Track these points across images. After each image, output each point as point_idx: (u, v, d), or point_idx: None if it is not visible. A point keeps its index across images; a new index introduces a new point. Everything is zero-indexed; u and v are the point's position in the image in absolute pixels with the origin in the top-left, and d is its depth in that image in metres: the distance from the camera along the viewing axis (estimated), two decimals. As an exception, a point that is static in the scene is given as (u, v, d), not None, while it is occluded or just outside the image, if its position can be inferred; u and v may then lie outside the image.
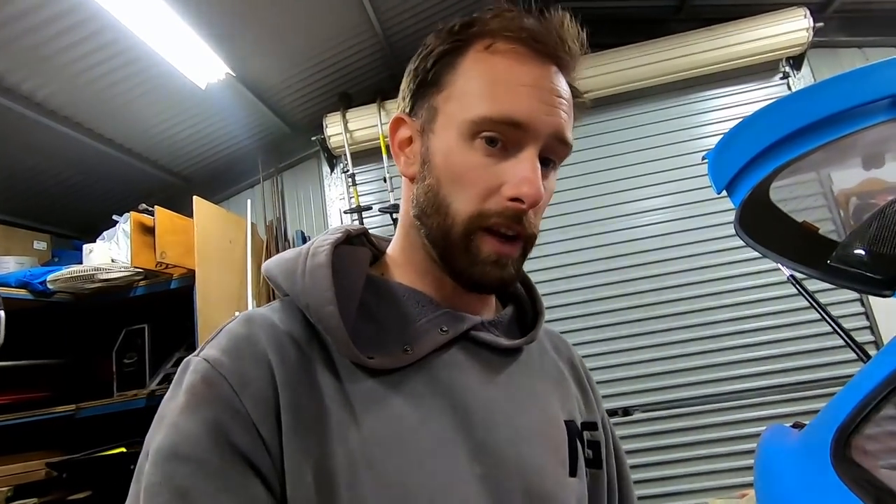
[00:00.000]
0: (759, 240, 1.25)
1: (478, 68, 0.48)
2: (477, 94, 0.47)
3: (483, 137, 0.47)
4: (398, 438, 0.44)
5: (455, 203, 0.48)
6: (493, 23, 0.48)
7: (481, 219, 0.47)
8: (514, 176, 0.47)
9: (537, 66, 0.48)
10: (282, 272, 0.51)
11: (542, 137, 0.48)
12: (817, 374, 2.38)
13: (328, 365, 0.46)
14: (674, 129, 2.73)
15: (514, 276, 0.51)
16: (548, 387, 0.57)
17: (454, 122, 0.48)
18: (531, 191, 0.46)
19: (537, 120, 0.47)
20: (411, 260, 0.54)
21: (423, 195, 0.50)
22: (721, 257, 2.55)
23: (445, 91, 0.49)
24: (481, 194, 0.47)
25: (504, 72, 0.47)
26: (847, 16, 2.63)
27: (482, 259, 0.48)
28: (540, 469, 0.49)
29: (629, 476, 0.65)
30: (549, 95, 0.48)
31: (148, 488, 0.38)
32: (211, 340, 0.46)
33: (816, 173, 1.93)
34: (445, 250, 0.49)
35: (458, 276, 0.50)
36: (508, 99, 0.46)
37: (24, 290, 2.00)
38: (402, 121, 0.53)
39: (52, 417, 2.02)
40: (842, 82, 1.22)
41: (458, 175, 0.48)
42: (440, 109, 0.49)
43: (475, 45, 0.49)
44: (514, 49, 0.48)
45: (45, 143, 2.23)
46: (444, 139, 0.49)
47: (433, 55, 0.50)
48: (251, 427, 0.40)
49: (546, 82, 0.48)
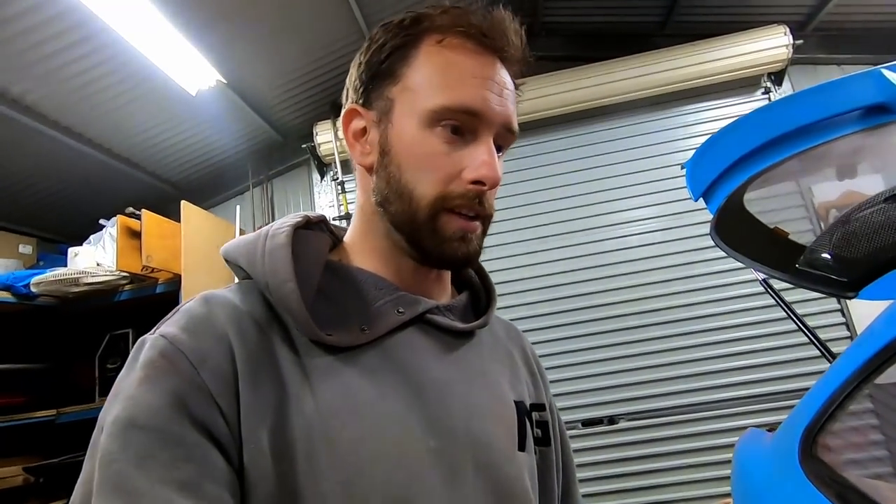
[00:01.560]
0: (733, 246, 1.27)
1: (432, 61, 0.50)
2: (433, 85, 0.50)
3: (443, 125, 0.49)
4: (354, 411, 0.45)
5: (418, 188, 0.50)
6: (443, 18, 0.51)
7: (445, 201, 0.50)
8: (473, 160, 0.50)
9: (486, 60, 0.51)
10: (241, 254, 0.52)
11: (495, 126, 0.51)
12: (802, 384, 2.40)
13: (287, 343, 0.47)
14: (657, 141, 2.78)
15: (478, 252, 0.53)
16: (498, 368, 0.59)
17: (413, 111, 0.50)
18: (491, 173, 0.49)
19: (490, 109, 0.50)
20: (372, 246, 0.56)
21: (385, 183, 0.52)
22: (705, 267, 2.58)
23: (401, 83, 0.51)
24: (443, 178, 0.50)
25: (458, 64, 0.50)
26: (825, 34, 2.72)
27: (449, 237, 0.51)
28: (490, 443, 0.51)
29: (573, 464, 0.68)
30: (499, 87, 0.51)
31: (104, 457, 0.38)
32: (168, 319, 0.47)
33: (795, 182, 1.97)
34: (413, 233, 0.52)
35: (427, 255, 0.52)
36: (464, 89, 0.49)
37: (7, 293, 1.99)
38: (356, 112, 0.55)
39: (31, 422, 1.99)
40: (814, 94, 1.26)
41: (419, 161, 0.50)
42: (396, 100, 0.51)
43: (426, 39, 0.51)
44: (464, 43, 0.51)
45: (34, 147, 2.23)
46: (403, 128, 0.51)
47: (386, 48, 0.52)
48: (210, 399, 0.41)
49: (495, 75, 0.51)
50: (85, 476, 0.40)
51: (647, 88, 2.68)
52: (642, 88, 2.67)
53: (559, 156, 2.84)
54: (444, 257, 0.52)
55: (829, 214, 1.73)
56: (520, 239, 2.75)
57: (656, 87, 2.67)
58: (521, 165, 2.83)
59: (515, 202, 2.79)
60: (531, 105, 2.65)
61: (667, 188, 2.68)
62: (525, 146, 2.85)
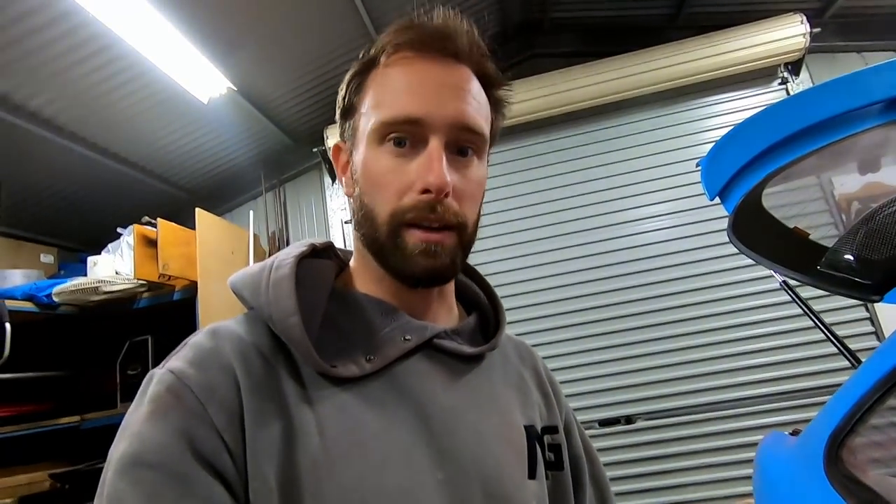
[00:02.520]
0: (751, 246, 1.25)
1: (377, 82, 0.53)
2: (374, 105, 0.52)
3: (388, 140, 0.50)
4: (360, 445, 0.45)
5: (376, 207, 0.51)
6: (384, 39, 0.53)
7: (400, 215, 0.50)
8: (419, 169, 0.49)
9: (431, 65, 0.51)
10: (246, 286, 0.52)
11: (442, 129, 0.50)
12: (821, 381, 2.36)
13: (293, 374, 0.47)
14: (672, 136, 2.73)
15: (448, 266, 0.51)
16: (509, 393, 0.58)
17: (364, 135, 0.52)
18: (435, 180, 0.48)
19: (431, 113, 0.49)
20: (367, 270, 0.56)
21: (357, 208, 0.54)
22: (724, 263, 2.53)
23: (358, 112, 0.54)
24: (395, 193, 0.50)
25: (395, 79, 0.51)
26: (844, 21, 2.64)
27: (409, 251, 0.50)
28: (499, 472, 0.50)
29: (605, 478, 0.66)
30: (441, 88, 0.50)
31: (111, 495, 0.38)
32: (176, 353, 0.47)
33: (815, 179, 1.92)
34: (379, 253, 0.52)
35: (396, 274, 0.52)
36: (399, 100, 0.50)
37: (30, 303, 2.03)
38: (338, 146, 0.58)
39: (56, 429, 2.04)
40: (834, 87, 1.22)
41: (374, 181, 0.51)
42: (357, 128, 0.54)
43: (376, 64, 0.53)
44: (402, 56, 0.52)
45: (52, 158, 2.28)
46: (360, 152, 0.53)
47: (351, 84, 0.55)
48: (216, 435, 0.41)
49: (435, 77, 0.51)
50: None
51: (659, 83, 2.63)
52: (654, 83, 2.63)
53: (571, 153, 2.82)
54: (410, 273, 0.50)
55: (851, 207, 1.69)
56: (533, 238, 2.73)
57: (669, 81, 2.62)
58: (532, 164, 2.81)
59: (527, 201, 2.77)
60: (541, 103, 2.63)
61: (681, 184, 2.64)
62: (536, 144, 2.84)
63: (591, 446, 0.67)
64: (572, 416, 0.67)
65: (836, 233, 1.43)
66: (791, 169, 1.25)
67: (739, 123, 1.35)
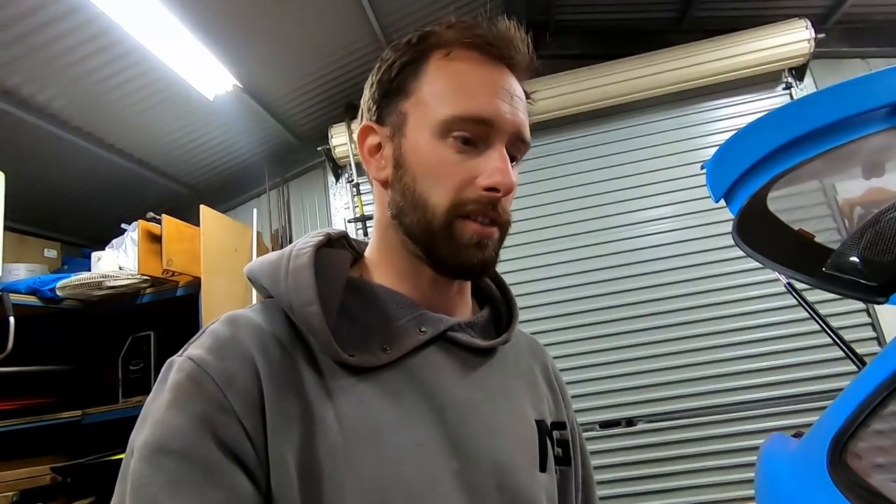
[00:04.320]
0: (756, 248, 1.25)
1: (441, 73, 0.52)
2: (444, 96, 0.51)
3: (455, 136, 0.50)
4: (376, 434, 0.45)
5: (433, 197, 0.51)
6: (449, 33, 0.52)
7: (459, 207, 0.50)
8: (487, 167, 0.50)
9: (494, 69, 0.52)
10: (265, 274, 0.53)
11: (507, 134, 0.51)
12: (824, 385, 2.36)
13: (311, 363, 0.48)
14: (677, 139, 2.74)
15: (494, 259, 0.53)
16: (520, 386, 0.59)
17: (425, 123, 0.51)
18: (505, 179, 0.49)
19: (502, 118, 0.50)
20: (390, 261, 0.56)
21: (400, 195, 0.53)
22: (727, 266, 2.54)
23: (413, 97, 0.52)
24: (457, 186, 0.50)
25: (466, 75, 0.51)
26: (849, 26, 2.64)
27: (465, 242, 0.50)
28: (511, 464, 0.51)
29: (593, 482, 0.67)
30: (509, 96, 0.52)
31: (135, 482, 0.39)
32: (194, 341, 0.48)
33: (819, 182, 1.92)
34: (428, 242, 0.52)
35: (443, 263, 0.52)
36: (474, 99, 0.50)
37: (34, 297, 2.03)
38: (371, 129, 0.56)
39: (58, 423, 2.04)
40: (840, 91, 1.23)
41: (433, 171, 0.51)
42: (409, 113, 0.52)
43: (434, 54, 0.52)
44: (471, 55, 0.52)
45: (58, 153, 2.28)
46: (416, 140, 0.52)
47: (396, 66, 0.53)
48: (237, 422, 0.42)
49: (504, 84, 0.52)
50: (117, 499, 0.40)
51: (663, 86, 2.64)
52: (659, 86, 2.64)
53: (575, 155, 2.82)
54: (461, 264, 0.51)
55: (854, 212, 1.69)
56: (537, 239, 2.74)
57: (673, 84, 2.63)
58: (537, 165, 2.82)
59: (532, 202, 2.77)
60: (545, 105, 2.64)
61: (686, 186, 2.64)
62: (540, 146, 2.84)
63: (586, 450, 0.68)
64: (574, 418, 0.67)
65: (840, 236, 1.43)
66: (797, 172, 1.26)
67: (744, 126, 1.35)
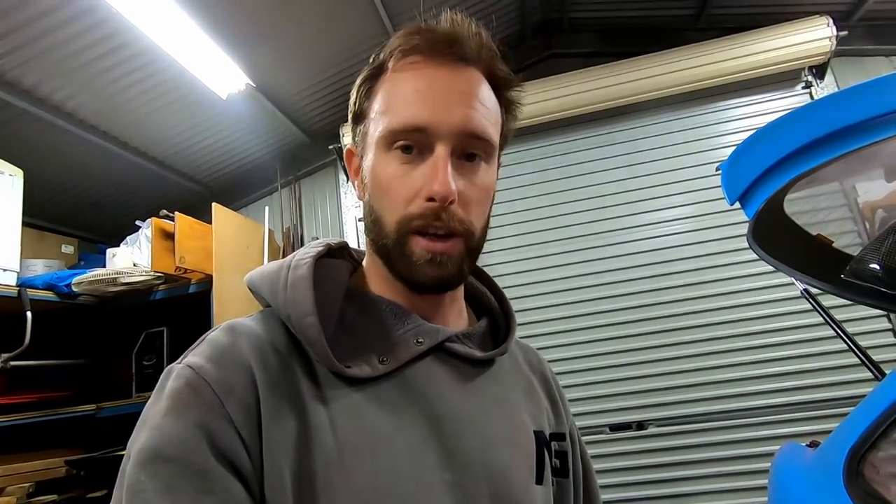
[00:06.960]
0: (772, 252, 1.22)
1: (385, 89, 0.52)
2: (383, 112, 0.51)
3: (396, 147, 0.50)
4: (371, 445, 0.45)
5: (385, 214, 0.51)
6: (392, 44, 0.52)
7: (407, 223, 0.50)
8: (425, 177, 0.49)
9: (433, 71, 0.51)
10: (264, 284, 0.53)
11: (449, 136, 0.49)
12: (839, 392, 2.31)
13: (308, 373, 0.48)
14: (692, 139, 2.69)
15: (454, 274, 0.51)
16: (518, 397, 0.59)
17: (372, 141, 0.52)
18: (440, 188, 0.47)
19: (437, 120, 0.49)
20: (379, 271, 0.56)
21: (367, 212, 0.55)
22: (741, 269, 2.49)
23: (368, 117, 0.54)
24: (403, 201, 0.50)
25: (403, 85, 0.51)
26: (873, 23, 2.58)
27: (415, 260, 0.50)
28: (507, 475, 0.50)
29: (597, 492, 0.66)
30: (447, 95, 0.50)
31: (131, 486, 0.39)
32: (193, 349, 0.48)
33: (839, 184, 1.88)
34: (387, 259, 0.52)
35: (402, 280, 0.52)
36: (407, 108, 0.50)
37: (51, 293, 2.07)
38: (351, 151, 0.59)
39: (73, 416, 2.08)
40: (861, 92, 1.19)
41: (382, 187, 0.51)
42: (367, 133, 0.54)
43: (385, 69, 0.53)
44: (410, 61, 0.52)
45: (74, 151, 2.32)
46: (370, 158, 0.53)
47: (357, 88, 0.55)
48: (233, 430, 0.42)
49: (442, 83, 0.51)
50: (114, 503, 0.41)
51: (679, 85, 2.59)
52: (675, 85, 2.59)
53: (589, 154, 2.79)
54: (415, 281, 0.51)
55: (876, 215, 1.65)
56: (546, 240, 2.71)
57: (690, 83, 2.59)
58: (550, 165, 2.79)
59: (542, 202, 2.75)
60: (558, 103, 2.61)
61: (701, 187, 2.60)
62: (552, 145, 2.82)
63: (589, 460, 0.67)
64: (575, 428, 0.67)
65: (860, 241, 1.39)
66: (814, 175, 1.23)
67: (762, 127, 1.32)
